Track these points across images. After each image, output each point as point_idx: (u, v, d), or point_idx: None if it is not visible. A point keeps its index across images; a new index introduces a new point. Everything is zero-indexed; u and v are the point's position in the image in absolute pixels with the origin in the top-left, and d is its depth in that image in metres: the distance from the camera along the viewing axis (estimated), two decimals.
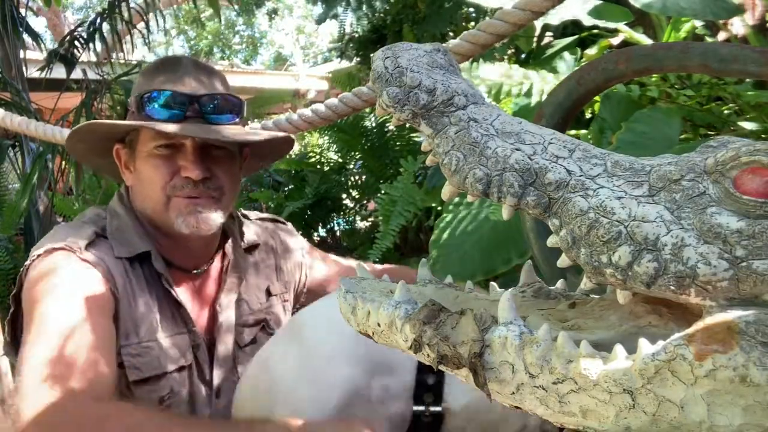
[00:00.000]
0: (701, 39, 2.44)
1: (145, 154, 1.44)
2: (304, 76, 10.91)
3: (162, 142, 1.42)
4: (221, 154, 1.46)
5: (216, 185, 1.44)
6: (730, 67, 1.14)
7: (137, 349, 1.37)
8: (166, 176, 1.41)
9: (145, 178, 1.44)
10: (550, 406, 0.65)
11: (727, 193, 0.62)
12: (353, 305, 0.78)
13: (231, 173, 1.49)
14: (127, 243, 1.43)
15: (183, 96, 1.42)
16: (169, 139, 1.41)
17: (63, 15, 10.19)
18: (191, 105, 1.42)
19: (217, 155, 1.46)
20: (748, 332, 0.58)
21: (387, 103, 0.74)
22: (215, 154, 1.45)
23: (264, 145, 1.57)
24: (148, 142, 1.43)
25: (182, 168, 1.41)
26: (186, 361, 1.45)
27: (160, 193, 1.42)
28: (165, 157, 1.42)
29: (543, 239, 1.02)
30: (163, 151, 1.42)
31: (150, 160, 1.43)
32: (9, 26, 4.03)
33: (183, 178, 1.41)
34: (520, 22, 1.35)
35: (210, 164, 1.43)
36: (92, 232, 1.41)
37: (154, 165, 1.42)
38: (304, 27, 18.75)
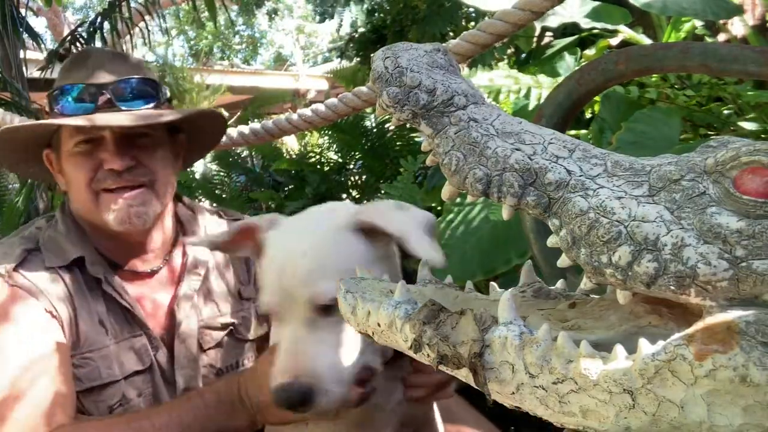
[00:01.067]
0: (701, 39, 2.44)
1: (68, 154, 1.39)
2: (304, 76, 10.91)
3: (80, 138, 1.37)
4: (146, 142, 1.41)
5: (143, 173, 1.39)
6: (730, 67, 1.14)
7: (78, 360, 1.34)
8: (89, 172, 1.36)
9: (71, 178, 1.40)
10: (550, 406, 0.65)
11: (727, 193, 0.62)
12: (353, 305, 0.78)
13: (160, 159, 1.42)
14: (59, 252, 1.38)
15: (91, 86, 1.38)
16: (86, 133, 1.36)
17: (63, 15, 10.19)
18: (101, 95, 1.37)
19: (142, 143, 1.40)
20: (748, 332, 0.58)
21: (387, 103, 0.74)
22: (140, 142, 1.39)
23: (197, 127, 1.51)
24: (68, 140, 1.38)
25: (104, 161, 1.36)
26: (144, 364, 1.41)
27: (86, 191, 1.37)
28: (85, 153, 1.37)
29: (543, 239, 1.02)
30: (83, 147, 1.37)
31: (72, 159, 1.38)
32: (9, 26, 4.02)
33: (106, 171, 1.36)
34: (520, 22, 1.35)
35: (134, 153, 1.38)
36: (22, 251, 1.35)
37: (76, 163, 1.38)
38: (304, 27, 18.75)
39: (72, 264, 1.38)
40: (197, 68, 9.70)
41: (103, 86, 1.38)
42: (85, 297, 1.37)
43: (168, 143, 1.47)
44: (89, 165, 1.37)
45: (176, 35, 15.01)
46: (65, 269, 1.37)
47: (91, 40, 4.47)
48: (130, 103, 1.40)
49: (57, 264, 1.36)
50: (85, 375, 1.34)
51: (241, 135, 1.81)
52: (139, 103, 1.41)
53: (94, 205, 1.38)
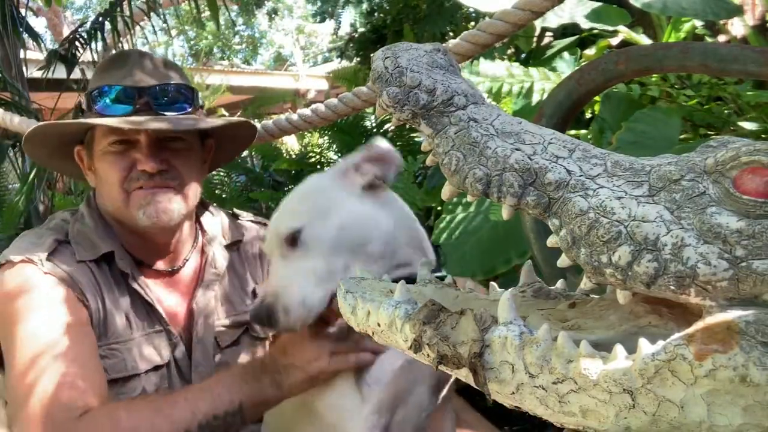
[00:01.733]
0: (701, 39, 2.44)
1: (101, 153, 1.41)
2: (304, 76, 10.91)
3: (115, 138, 1.39)
4: (179, 146, 1.44)
5: (173, 176, 1.42)
6: (730, 67, 1.14)
7: (104, 350, 1.36)
8: (122, 171, 1.39)
9: (103, 176, 1.42)
10: (550, 406, 0.65)
11: (727, 193, 0.62)
12: (353, 305, 0.78)
13: (190, 164, 1.46)
14: (89, 246, 1.41)
15: (131, 89, 1.40)
16: (122, 134, 1.39)
17: (63, 15, 10.19)
18: (140, 98, 1.40)
19: (175, 147, 1.43)
20: (748, 332, 0.58)
21: (387, 103, 0.74)
22: (172, 146, 1.43)
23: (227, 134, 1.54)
24: (102, 139, 1.41)
25: (137, 161, 1.38)
26: (162, 359, 1.43)
27: (118, 190, 1.40)
28: (119, 153, 1.40)
29: (543, 239, 1.02)
30: (118, 147, 1.39)
31: (106, 158, 1.41)
32: (9, 26, 4.02)
33: (139, 172, 1.39)
34: (520, 22, 1.35)
35: (167, 156, 1.41)
36: (53, 241, 1.39)
37: (110, 162, 1.40)
38: (304, 27, 18.75)
39: (101, 258, 1.41)
40: (197, 68, 9.70)
41: (142, 90, 1.41)
42: (113, 290, 1.40)
43: (199, 148, 1.51)
44: (123, 164, 1.40)
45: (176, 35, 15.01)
46: (94, 263, 1.40)
47: (92, 40, 4.47)
48: (166, 108, 1.43)
49: (87, 258, 1.39)
50: (111, 366, 1.37)
51: None
52: (175, 107, 1.44)
53: (124, 204, 1.41)
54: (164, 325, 1.45)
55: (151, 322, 1.44)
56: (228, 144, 1.61)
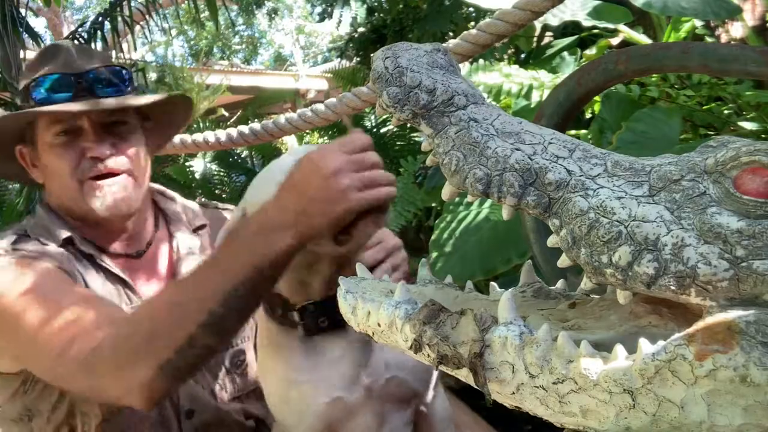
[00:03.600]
0: (701, 39, 2.44)
1: (47, 146, 1.40)
2: (304, 76, 10.91)
3: (60, 128, 1.38)
4: (123, 129, 1.43)
5: (123, 161, 1.41)
6: (730, 67, 1.14)
7: None
8: (72, 162, 1.38)
9: (52, 169, 1.41)
10: (550, 406, 0.65)
11: (727, 193, 0.62)
12: (353, 305, 0.78)
13: (136, 145, 1.45)
14: (47, 234, 1.39)
15: (69, 75, 1.39)
16: (64, 123, 1.37)
17: (63, 15, 10.19)
18: (78, 84, 1.39)
19: (119, 131, 1.42)
20: (748, 332, 0.58)
21: (387, 103, 0.74)
22: (117, 130, 1.42)
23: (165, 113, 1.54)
24: (45, 132, 1.39)
25: (86, 149, 1.37)
26: None
27: (71, 181, 1.38)
28: (66, 143, 1.38)
29: (543, 239, 1.02)
30: (63, 138, 1.38)
31: (53, 151, 1.39)
32: (9, 26, 4.02)
33: (89, 159, 1.37)
34: (520, 22, 1.35)
35: (114, 140, 1.40)
36: (12, 234, 1.37)
37: (58, 154, 1.39)
38: (304, 27, 18.75)
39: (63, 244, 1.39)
40: (197, 68, 9.70)
41: (80, 75, 1.40)
42: (86, 269, 1.39)
43: (140, 130, 1.50)
44: (71, 155, 1.38)
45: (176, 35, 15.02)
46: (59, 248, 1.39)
47: (92, 40, 4.47)
48: (105, 90, 1.42)
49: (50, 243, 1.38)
50: None
51: (241, 135, 1.81)
52: (113, 90, 1.43)
53: (78, 194, 1.39)
54: (140, 299, 1.42)
55: (128, 298, 1.42)
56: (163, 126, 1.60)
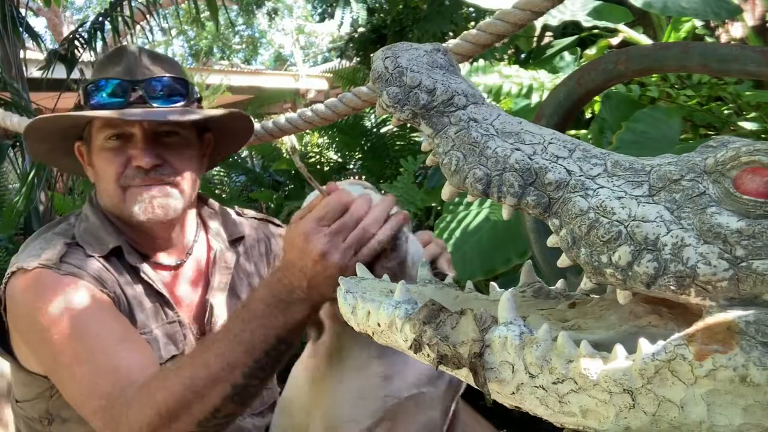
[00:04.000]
0: (701, 39, 2.44)
1: (98, 148, 1.42)
2: (304, 76, 10.91)
3: (110, 133, 1.39)
4: (174, 140, 1.43)
5: (169, 172, 1.41)
6: (730, 67, 1.14)
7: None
8: (118, 167, 1.39)
9: (100, 172, 1.43)
10: (550, 406, 0.65)
11: (727, 193, 0.62)
12: (353, 305, 0.78)
13: (185, 159, 1.45)
14: (96, 242, 1.41)
15: (125, 82, 1.40)
16: (116, 129, 1.39)
17: (63, 15, 10.19)
18: (133, 91, 1.40)
19: (170, 142, 1.43)
20: (748, 332, 0.58)
21: (387, 103, 0.74)
22: (167, 141, 1.42)
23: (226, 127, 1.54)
24: (98, 135, 1.41)
25: (132, 157, 1.38)
26: (178, 349, 1.44)
27: (115, 186, 1.40)
28: (115, 148, 1.40)
29: (543, 239, 1.02)
30: (113, 142, 1.40)
31: (102, 154, 1.41)
32: (9, 26, 4.02)
33: (134, 168, 1.38)
34: (520, 22, 1.35)
35: (161, 151, 1.41)
36: (63, 244, 1.38)
37: (106, 158, 1.40)
38: (304, 27, 18.75)
39: (109, 254, 1.41)
40: (197, 68, 9.69)
41: (136, 83, 1.41)
42: (128, 283, 1.41)
43: (196, 143, 1.51)
44: (118, 160, 1.40)
45: (176, 35, 15.01)
46: (104, 259, 1.40)
47: (92, 40, 4.47)
48: (161, 101, 1.42)
49: (97, 254, 1.40)
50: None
51: None
52: (170, 101, 1.44)
53: (121, 200, 1.41)
54: (177, 315, 1.46)
55: (165, 313, 1.44)
56: (227, 138, 1.61)
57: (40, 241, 1.43)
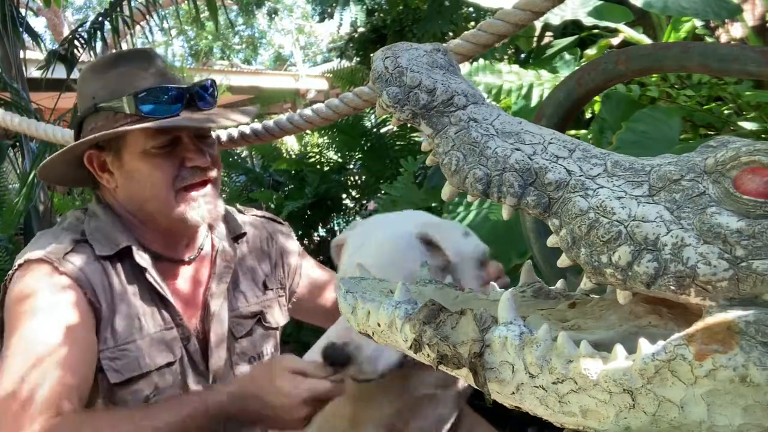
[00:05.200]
0: (701, 39, 2.44)
1: (141, 154, 1.42)
2: (304, 76, 10.91)
3: (164, 140, 1.41)
4: (210, 140, 1.51)
5: (215, 169, 1.49)
6: (730, 67, 1.14)
7: (114, 352, 1.38)
8: (172, 171, 1.42)
9: (145, 177, 1.43)
10: (550, 406, 0.65)
11: (727, 193, 0.62)
12: (353, 305, 0.78)
13: (218, 157, 1.54)
14: (107, 241, 1.43)
15: (176, 89, 1.43)
16: (169, 134, 1.41)
17: (63, 15, 10.19)
18: (184, 97, 1.44)
19: (209, 142, 1.50)
20: (748, 332, 0.58)
21: (387, 103, 0.74)
22: (207, 141, 1.49)
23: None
24: (142, 141, 1.41)
25: (187, 159, 1.42)
26: (174, 356, 1.45)
27: (167, 190, 1.42)
28: (166, 153, 1.42)
29: (543, 239, 1.02)
30: (163, 148, 1.42)
31: (150, 160, 1.41)
32: (9, 26, 4.02)
33: (190, 169, 1.43)
34: (520, 22, 1.34)
35: (207, 150, 1.47)
36: (71, 240, 1.40)
37: (156, 164, 1.42)
38: (304, 27, 18.75)
39: (117, 254, 1.43)
40: (197, 68, 9.69)
41: (186, 89, 1.46)
42: (126, 289, 1.42)
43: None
44: (171, 164, 1.43)
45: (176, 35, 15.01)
46: (110, 260, 1.42)
47: (92, 40, 4.47)
48: (206, 104, 1.49)
49: (105, 252, 1.41)
50: (123, 366, 1.38)
51: (241, 135, 1.80)
52: (211, 103, 1.51)
53: (171, 203, 1.43)
54: (177, 320, 1.46)
55: (163, 319, 1.45)
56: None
57: (49, 236, 1.45)
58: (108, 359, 1.36)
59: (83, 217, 1.49)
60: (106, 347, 1.37)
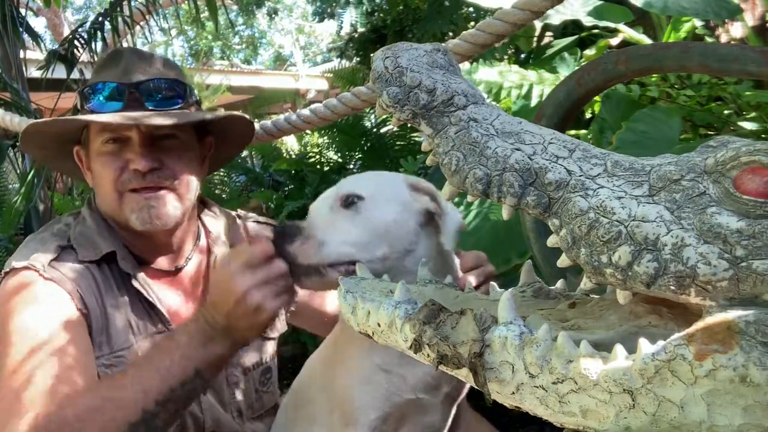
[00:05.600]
0: (701, 39, 2.44)
1: (96, 152, 1.41)
2: (304, 76, 10.92)
3: (108, 137, 1.38)
4: (172, 143, 1.41)
5: (166, 175, 1.39)
6: (730, 67, 1.14)
7: (110, 359, 1.35)
8: (115, 171, 1.38)
9: (98, 176, 1.42)
10: (550, 406, 0.65)
11: (727, 193, 0.62)
12: (353, 305, 0.78)
13: (185, 162, 1.43)
14: (91, 246, 1.40)
15: (122, 85, 1.39)
16: (113, 133, 1.38)
17: (63, 15, 10.19)
18: (130, 93, 1.39)
19: (168, 145, 1.40)
20: (748, 332, 0.58)
21: (387, 103, 0.74)
22: (165, 144, 1.41)
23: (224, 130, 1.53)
24: (95, 138, 1.40)
25: (129, 161, 1.36)
26: None
27: (111, 190, 1.39)
28: (112, 152, 1.38)
29: (543, 239, 1.02)
30: (110, 146, 1.38)
31: (100, 158, 1.40)
32: (9, 26, 4.02)
33: (131, 171, 1.36)
34: (519, 22, 1.35)
35: (159, 155, 1.39)
36: (56, 246, 1.37)
37: (103, 162, 1.39)
38: (304, 27, 18.75)
39: (102, 259, 1.40)
40: (197, 68, 9.69)
41: (132, 85, 1.40)
42: (114, 294, 1.39)
43: (196, 146, 1.49)
44: (115, 164, 1.38)
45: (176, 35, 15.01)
46: (96, 264, 1.39)
47: (91, 40, 4.47)
48: (158, 104, 1.41)
49: (89, 258, 1.38)
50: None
51: None
52: (167, 103, 1.43)
53: (117, 204, 1.40)
54: (166, 325, 1.44)
55: (153, 323, 1.43)
56: (228, 141, 1.60)
57: (35, 242, 1.42)
58: (103, 366, 1.34)
59: (72, 222, 1.47)
60: (101, 354, 1.34)
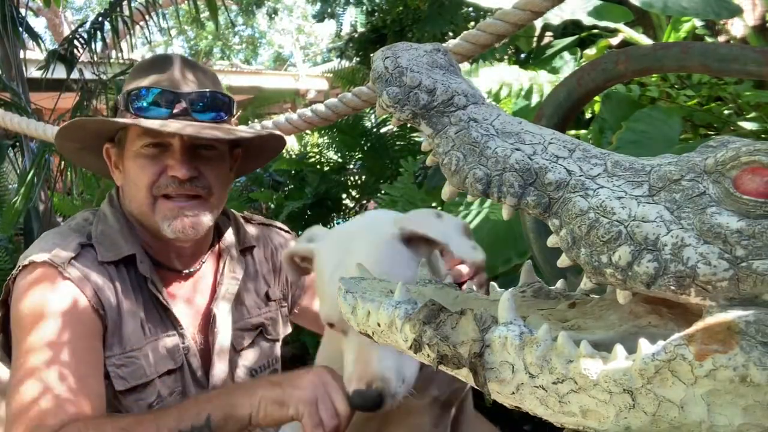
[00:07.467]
0: (701, 39, 2.44)
1: (133, 154, 1.41)
2: (304, 76, 10.92)
3: (149, 141, 1.39)
4: (210, 154, 1.43)
5: (204, 184, 1.41)
6: (730, 67, 1.14)
7: (122, 359, 1.37)
8: (152, 176, 1.39)
9: (132, 177, 1.42)
10: (550, 406, 0.65)
11: (727, 193, 0.62)
12: (353, 305, 0.78)
13: (220, 173, 1.46)
14: (112, 247, 1.41)
15: (170, 93, 1.40)
16: (156, 137, 1.38)
17: (63, 15, 10.19)
18: (178, 102, 1.40)
19: (206, 155, 1.43)
20: (748, 332, 0.58)
21: (387, 103, 0.74)
22: (204, 153, 1.42)
23: (255, 144, 1.55)
24: (135, 140, 1.40)
25: (169, 167, 1.38)
26: (175, 363, 1.44)
27: (145, 194, 1.39)
28: (152, 156, 1.39)
29: (543, 239, 1.02)
30: (150, 150, 1.39)
31: (137, 160, 1.40)
32: (9, 26, 4.02)
33: (169, 177, 1.38)
34: (520, 22, 1.35)
35: (198, 164, 1.41)
36: (77, 244, 1.38)
37: (141, 165, 1.40)
38: (304, 27, 18.75)
39: (121, 260, 1.41)
40: None
41: (181, 95, 1.41)
42: (130, 296, 1.40)
43: (228, 158, 1.51)
44: (154, 169, 1.39)
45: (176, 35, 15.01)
46: (114, 265, 1.40)
47: (91, 41, 4.48)
48: (203, 115, 1.43)
49: (109, 259, 1.39)
50: (129, 374, 1.37)
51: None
52: (214, 116, 1.44)
53: (149, 209, 1.40)
54: (178, 328, 1.45)
55: (164, 326, 1.44)
56: (255, 154, 1.61)
57: (56, 236, 1.43)
58: (114, 366, 1.35)
59: (92, 218, 1.47)
60: (112, 354, 1.36)
